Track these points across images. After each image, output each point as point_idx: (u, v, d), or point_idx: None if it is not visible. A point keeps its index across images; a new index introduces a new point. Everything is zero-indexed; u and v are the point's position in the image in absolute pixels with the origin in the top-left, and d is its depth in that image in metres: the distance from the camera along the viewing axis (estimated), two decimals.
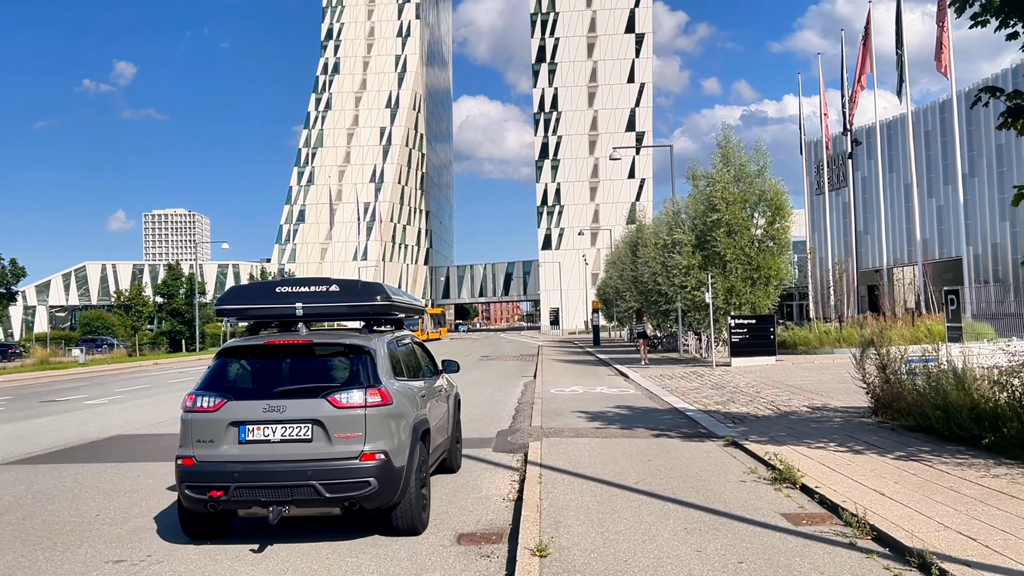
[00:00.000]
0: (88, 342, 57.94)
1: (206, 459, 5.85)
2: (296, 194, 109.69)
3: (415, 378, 7.19)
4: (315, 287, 6.70)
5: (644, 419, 12.50)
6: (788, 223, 22.65)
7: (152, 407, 17.83)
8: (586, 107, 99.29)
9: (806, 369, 19.75)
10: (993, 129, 54.85)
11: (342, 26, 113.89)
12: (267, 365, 6.34)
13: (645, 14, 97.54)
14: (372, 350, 6.28)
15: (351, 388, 5.96)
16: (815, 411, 12.33)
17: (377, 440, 5.90)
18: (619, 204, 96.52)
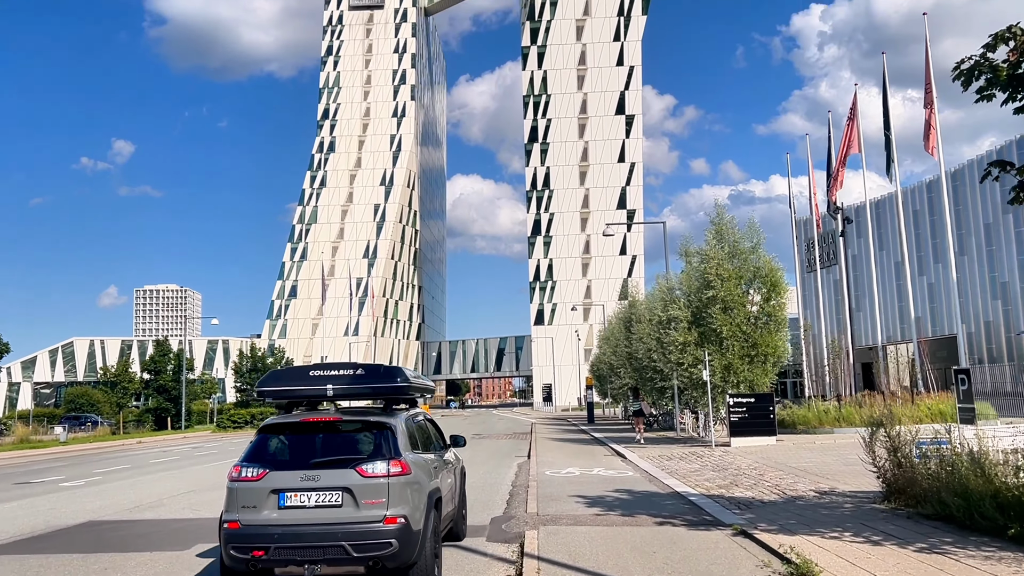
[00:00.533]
0: (71, 420, 56.70)
1: (249, 523, 6.65)
2: (289, 269, 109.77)
3: (428, 451, 8.06)
4: (343, 371, 7.65)
5: (645, 504, 11.91)
6: (784, 300, 22.43)
7: (130, 489, 17.08)
8: (578, 185, 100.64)
9: (808, 450, 19.18)
10: (981, 208, 55.62)
11: (338, 106, 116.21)
12: (302, 439, 7.25)
13: (635, 97, 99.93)
14: (393, 426, 7.21)
15: (375, 459, 6.84)
16: (823, 496, 11.79)
17: (398, 505, 6.72)
18: (611, 280, 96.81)
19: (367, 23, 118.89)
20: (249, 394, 69.84)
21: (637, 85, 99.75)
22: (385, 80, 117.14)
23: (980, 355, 57.54)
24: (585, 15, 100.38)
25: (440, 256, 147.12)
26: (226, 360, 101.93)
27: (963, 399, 11.16)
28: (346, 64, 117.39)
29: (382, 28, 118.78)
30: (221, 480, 11.84)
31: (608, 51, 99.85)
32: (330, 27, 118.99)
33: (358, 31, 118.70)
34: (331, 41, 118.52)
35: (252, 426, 53.55)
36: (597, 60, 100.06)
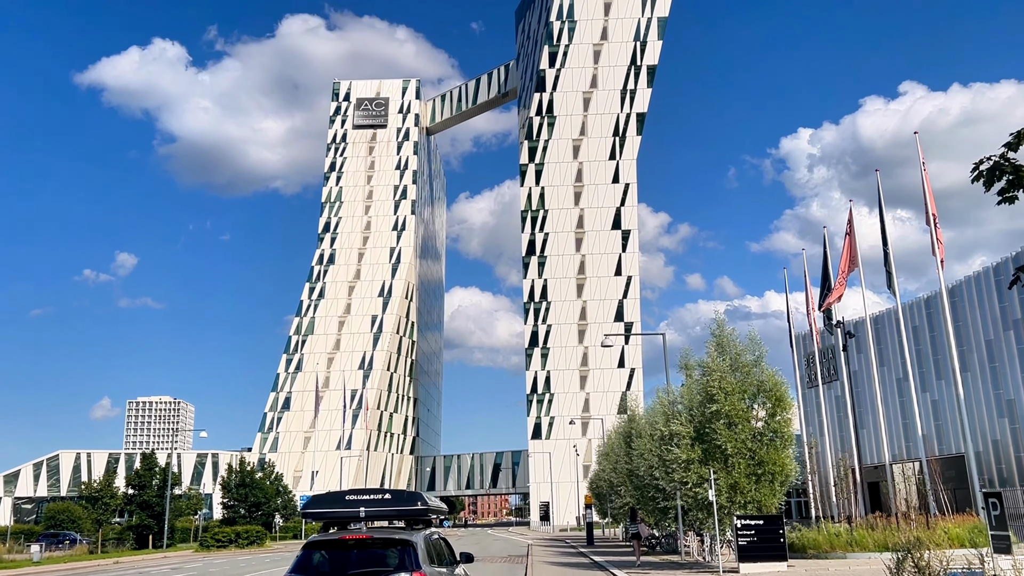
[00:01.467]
0: (49, 537, 54.27)
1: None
2: (283, 381, 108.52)
3: (443, 566, 9.36)
4: (374, 495, 9.16)
5: None
6: (789, 415, 21.69)
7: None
8: (575, 298, 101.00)
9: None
10: (982, 324, 55.40)
11: (339, 220, 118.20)
12: (340, 554, 8.53)
13: (630, 212, 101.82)
14: (414, 543, 8.47)
15: (400, 571, 8.06)
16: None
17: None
18: (609, 393, 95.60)
19: (370, 141, 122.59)
20: (236, 510, 67.41)
21: (632, 201, 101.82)
22: (386, 195, 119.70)
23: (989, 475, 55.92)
24: (581, 135, 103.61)
25: (437, 368, 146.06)
26: (215, 474, 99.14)
27: (996, 525, 10.36)
28: (348, 180, 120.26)
29: (385, 146, 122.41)
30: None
31: (604, 169, 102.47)
32: (334, 144, 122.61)
33: (361, 148, 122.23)
34: (335, 158, 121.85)
35: (236, 545, 51.27)
36: (593, 177, 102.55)
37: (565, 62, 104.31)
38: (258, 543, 53.73)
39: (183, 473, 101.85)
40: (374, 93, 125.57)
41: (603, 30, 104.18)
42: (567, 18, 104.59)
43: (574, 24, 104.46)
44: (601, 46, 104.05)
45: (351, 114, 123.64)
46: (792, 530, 26.64)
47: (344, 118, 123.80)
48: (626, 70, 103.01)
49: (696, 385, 23.51)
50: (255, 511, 68.74)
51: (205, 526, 60.83)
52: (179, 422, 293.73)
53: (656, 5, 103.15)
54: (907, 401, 63.58)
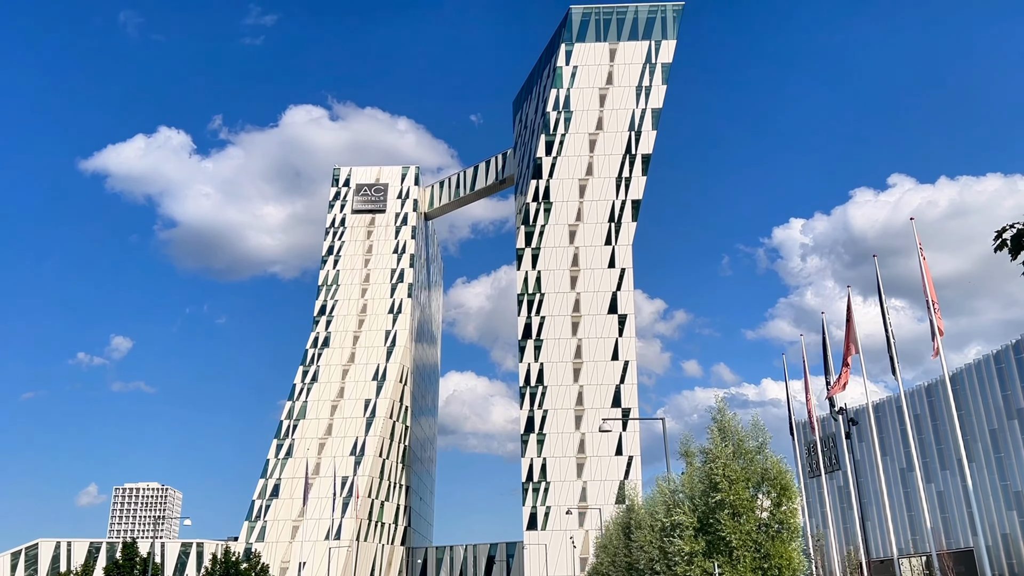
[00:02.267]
0: None
1: None
2: (272, 467, 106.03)
3: None
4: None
5: None
6: (795, 505, 20.84)
7: None
8: (571, 382, 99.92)
9: None
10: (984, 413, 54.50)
11: (336, 303, 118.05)
12: None
13: (626, 297, 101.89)
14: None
15: None
16: None
17: None
18: (607, 482, 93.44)
19: (369, 225, 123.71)
20: None
21: (628, 286, 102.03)
22: (383, 278, 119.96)
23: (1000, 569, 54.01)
24: (578, 221, 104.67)
25: (430, 455, 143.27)
26: (199, 565, 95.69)
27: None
28: (346, 263, 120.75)
29: (383, 230, 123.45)
30: None
31: (600, 254, 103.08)
32: (332, 228, 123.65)
33: (360, 232, 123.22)
34: (333, 241, 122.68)
35: None
36: (589, 262, 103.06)
37: (561, 150, 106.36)
38: None
39: (167, 563, 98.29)
40: (374, 179, 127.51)
41: (599, 120, 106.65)
42: (563, 108, 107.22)
43: (570, 114, 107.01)
44: (597, 135, 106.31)
45: (350, 199, 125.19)
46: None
47: (344, 203, 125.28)
48: (621, 158, 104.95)
49: (698, 473, 22.72)
50: None
51: None
52: (165, 509, 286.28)
53: (650, 97, 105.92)
54: (912, 492, 62.00)
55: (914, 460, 59.64)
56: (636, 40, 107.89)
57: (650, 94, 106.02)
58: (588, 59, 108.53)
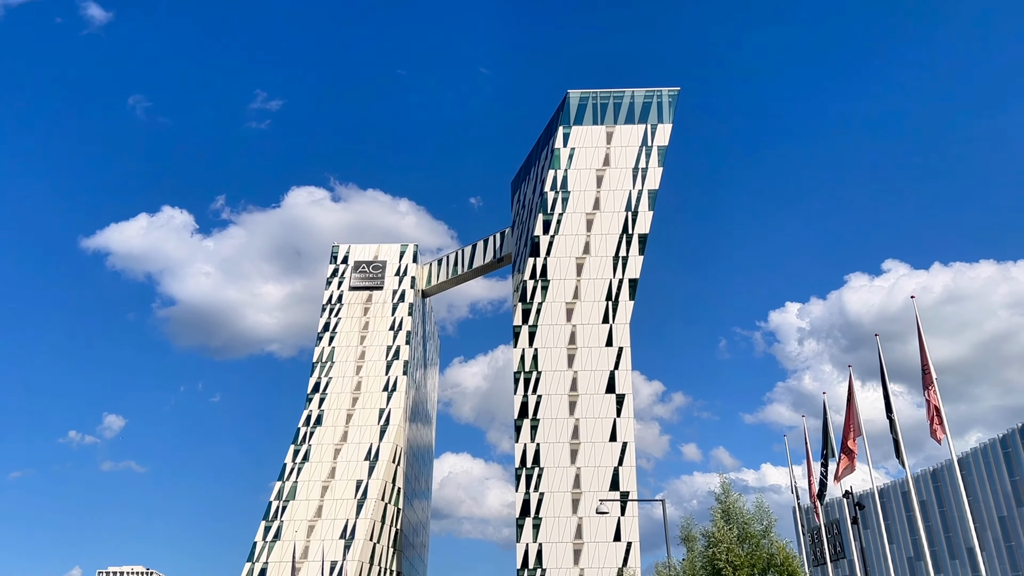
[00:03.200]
0: None
1: None
2: (260, 551, 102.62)
3: None
4: None
5: None
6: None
7: None
8: (568, 464, 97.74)
9: None
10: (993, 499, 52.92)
11: (330, 380, 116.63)
12: None
13: (624, 377, 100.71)
14: None
15: None
16: None
17: None
18: (605, 570, 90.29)
19: (366, 302, 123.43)
20: None
21: (626, 365, 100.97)
22: (379, 355, 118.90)
23: None
24: (575, 299, 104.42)
25: (423, 540, 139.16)
26: None
27: None
28: (342, 339, 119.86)
29: (380, 307, 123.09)
30: None
31: (597, 332, 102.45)
32: (329, 305, 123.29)
33: (356, 309, 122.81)
34: (329, 318, 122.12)
35: None
36: (587, 340, 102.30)
37: (559, 229, 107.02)
38: None
39: None
40: (372, 256, 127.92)
41: (596, 200, 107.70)
42: (561, 189, 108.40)
43: (568, 194, 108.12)
44: (594, 215, 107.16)
45: (348, 276, 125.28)
46: None
47: (341, 280, 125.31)
48: (618, 238, 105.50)
49: (700, 558, 21.59)
50: None
51: None
52: None
53: (647, 178, 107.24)
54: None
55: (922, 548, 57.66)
56: (632, 124, 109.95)
57: (646, 176, 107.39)
58: (585, 141, 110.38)
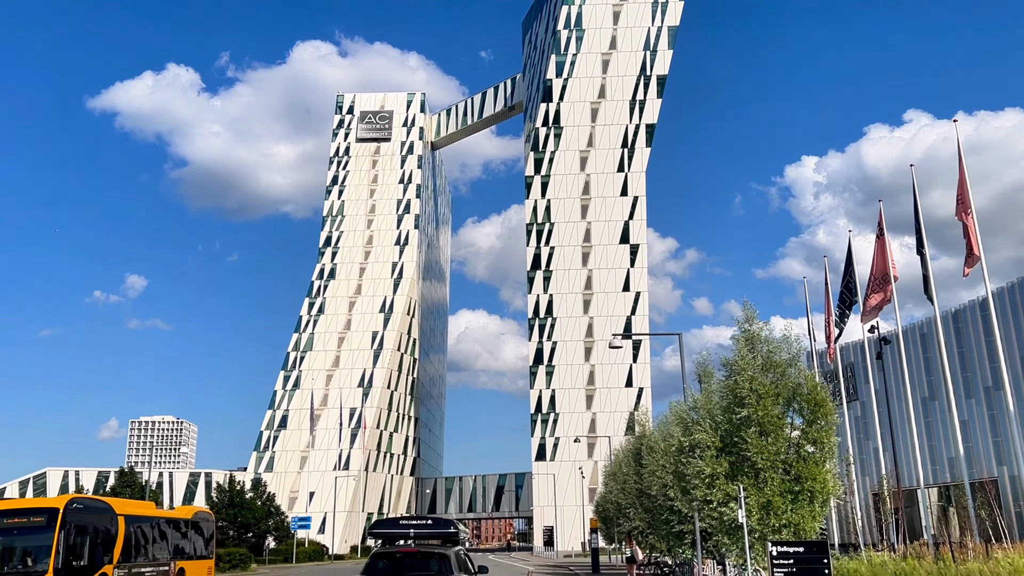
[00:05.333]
0: None
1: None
2: (280, 399, 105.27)
3: (468, 573, 12.87)
4: (419, 521, 13.18)
5: None
6: (833, 420, 18.43)
7: None
8: (581, 314, 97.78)
9: None
10: (1016, 340, 51.85)
11: (341, 234, 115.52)
12: (397, 561, 12.26)
13: (639, 227, 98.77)
14: (449, 556, 12.25)
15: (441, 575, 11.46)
16: None
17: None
18: (616, 414, 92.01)
19: (374, 155, 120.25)
20: (225, 532, 63.99)
21: (641, 215, 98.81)
22: (389, 209, 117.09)
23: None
24: (589, 147, 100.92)
25: (440, 390, 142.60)
26: (207, 493, 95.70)
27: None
28: (351, 193, 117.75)
29: (388, 160, 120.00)
30: None
31: (612, 181, 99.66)
32: (336, 158, 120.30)
33: (364, 162, 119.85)
34: (337, 171, 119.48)
35: (218, 568, 47.85)
36: (601, 190, 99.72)
37: (572, 72, 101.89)
38: (241, 567, 50.35)
39: (176, 492, 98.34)
40: (378, 106, 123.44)
41: (612, 39, 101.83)
42: (575, 27, 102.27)
43: (582, 33, 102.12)
44: (610, 55, 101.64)
45: (355, 127, 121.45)
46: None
47: (348, 131, 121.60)
48: (635, 80, 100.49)
49: (719, 390, 20.34)
50: (245, 533, 65.37)
51: None
52: (181, 441, 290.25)
53: (667, 14, 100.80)
54: (934, 422, 60.06)
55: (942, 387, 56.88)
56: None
57: (666, 10, 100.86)
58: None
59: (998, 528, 27.96)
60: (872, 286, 33.12)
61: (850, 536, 44.17)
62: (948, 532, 39.58)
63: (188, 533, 29.27)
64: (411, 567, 12.08)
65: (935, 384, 61.93)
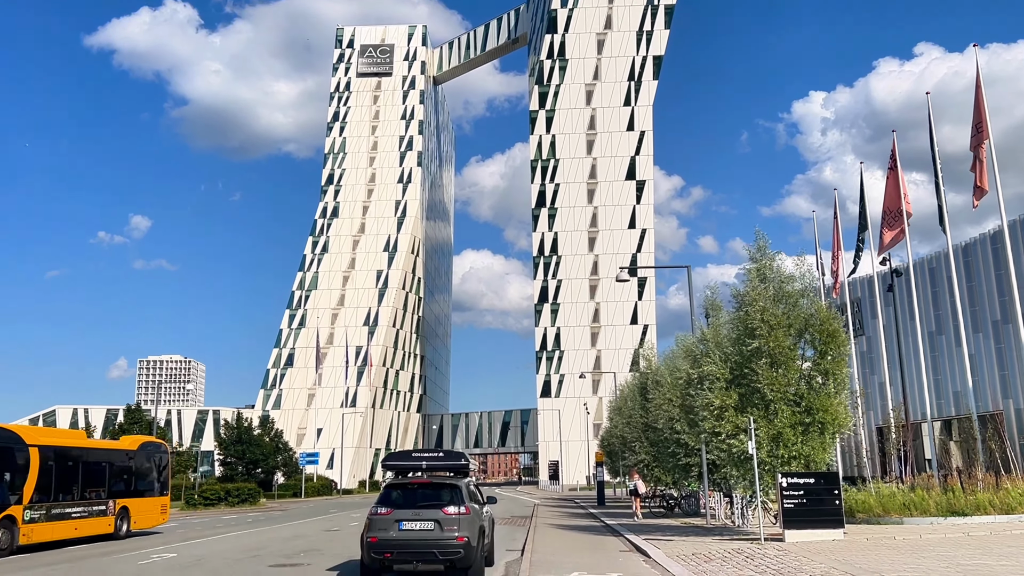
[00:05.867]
0: None
1: (381, 538, 11.90)
2: (286, 337, 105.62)
3: (477, 503, 13.30)
4: (431, 454, 13.64)
5: None
6: (845, 351, 18.01)
7: None
8: (587, 251, 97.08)
9: (894, 550, 14.46)
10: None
11: (343, 172, 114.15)
12: (410, 492, 12.66)
13: (645, 162, 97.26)
14: (460, 487, 12.61)
15: (452, 504, 12.16)
16: None
17: (464, 531, 11.98)
18: (621, 351, 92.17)
19: (375, 90, 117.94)
20: (233, 468, 64.79)
21: (648, 150, 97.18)
22: (391, 146, 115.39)
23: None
24: (595, 79, 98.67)
25: (445, 329, 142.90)
26: (216, 431, 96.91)
27: None
28: (352, 130, 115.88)
29: (390, 95, 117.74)
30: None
31: (618, 116, 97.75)
32: (337, 93, 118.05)
33: (365, 97, 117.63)
34: (337, 107, 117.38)
35: (226, 503, 48.55)
36: (607, 125, 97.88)
37: (578, 2, 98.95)
38: (250, 501, 50.98)
39: (184, 430, 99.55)
40: (379, 39, 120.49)
41: None
42: None
43: None
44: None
45: (355, 62, 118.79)
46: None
47: (348, 66, 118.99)
48: (642, 10, 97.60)
49: (729, 322, 19.90)
50: (253, 468, 66.15)
51: (203, 484, 58.35)
52: (189, 380, 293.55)
53: None
54: (940, 356, 59.92)
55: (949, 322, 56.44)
56: None
57: None
58: None
59: (1007, 459, 27.80)
60: (886, 221, 32.36)
61: (854, 469, 44.32)
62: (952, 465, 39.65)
63: (133, 467, 25.55)
64: (424, 497, 12.34)
65: (943, 318, 61.55)
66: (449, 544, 11.76)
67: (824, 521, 16.23)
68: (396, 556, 11.79)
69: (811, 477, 16.61)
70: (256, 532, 25.11)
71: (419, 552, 11.77)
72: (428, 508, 12.12)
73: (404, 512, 12.09)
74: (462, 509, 12.09)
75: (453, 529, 11.86)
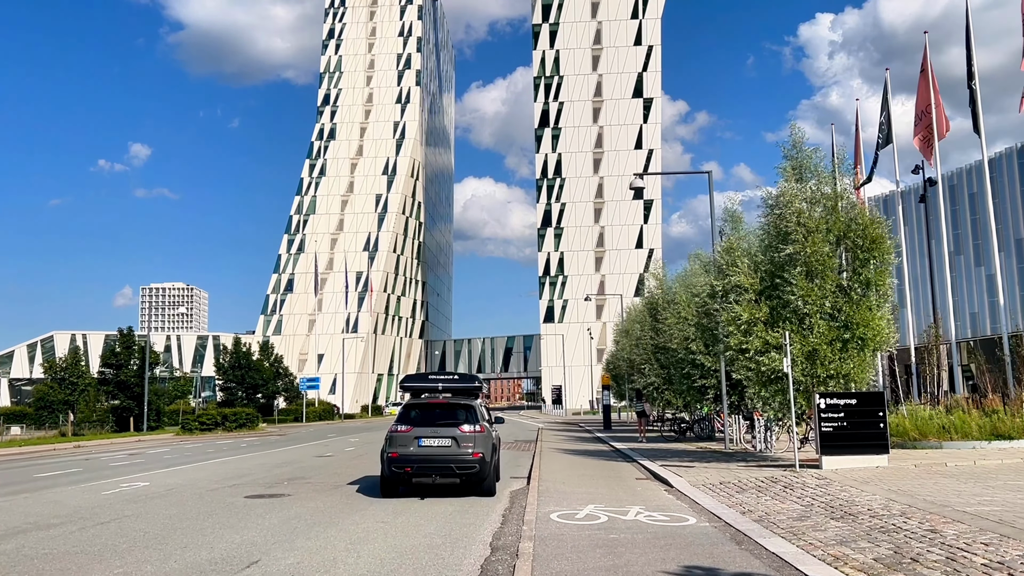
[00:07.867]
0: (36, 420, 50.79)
1: (402, 453, 12.60)
2: (285, 262, 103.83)
3: (488, 423, 13.85)
4: (447, 376, 14.18)
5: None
6: (890, 260, 16.01)
7: None
8: (591, 173, 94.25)
9: (952, 478, 12.75)
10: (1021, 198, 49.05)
11: (339, 92, 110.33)
12: (429, 411, 13.27)
13: (653, 79, 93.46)
14: (475, 406, 13.42)
15: (468, 423, 12.88)
16: None
17: (479, 447, 12.68)
18: (626, 275, 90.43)
19: (371, 5, 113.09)
20: (233, 393, 63.91)
21: (656, 66, 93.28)
22: (389, 64, 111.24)
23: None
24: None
25: (447, 258, 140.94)
26: (216, 356, 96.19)
27: None
28: (348, 48, 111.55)
29: (386, 11, 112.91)
30: None
31: (625, 29, 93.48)
32: (332, 9, 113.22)
33: (361, 13, 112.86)
34: (333, 23, 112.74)
35: (223, 428, 47.50)
36: (613, 39, 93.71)
37: None
38: (248, 426, 49.97)
39: (184, 356, 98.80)
40: None
41: None
42: None
43: None
44: None
45: None
46: None
47: None
48: None
49: (759, 228, 17.88)
50: (254, 393, 65.28)
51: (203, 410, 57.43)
52: (192, 307, 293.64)
53: None
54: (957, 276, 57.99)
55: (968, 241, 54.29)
56: None
57: None
58: None
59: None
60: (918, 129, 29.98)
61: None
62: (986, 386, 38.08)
63: None
64: (441, 416, 13.04)
65: (961, 238, 59.42)
66: (465, 459, 12.46)
67: (866, 446, 14.52)
68: (416, 470, 12.46)
69: (852, 398, 14.82)
70: (245, 458, 23.70)
71: (437, 466, 12.44)
72: (445, 426, 12.77)
73: (423, 430, 12.73)
74: (477, 427, 12.74)
75: (469, 446, 12.53)
